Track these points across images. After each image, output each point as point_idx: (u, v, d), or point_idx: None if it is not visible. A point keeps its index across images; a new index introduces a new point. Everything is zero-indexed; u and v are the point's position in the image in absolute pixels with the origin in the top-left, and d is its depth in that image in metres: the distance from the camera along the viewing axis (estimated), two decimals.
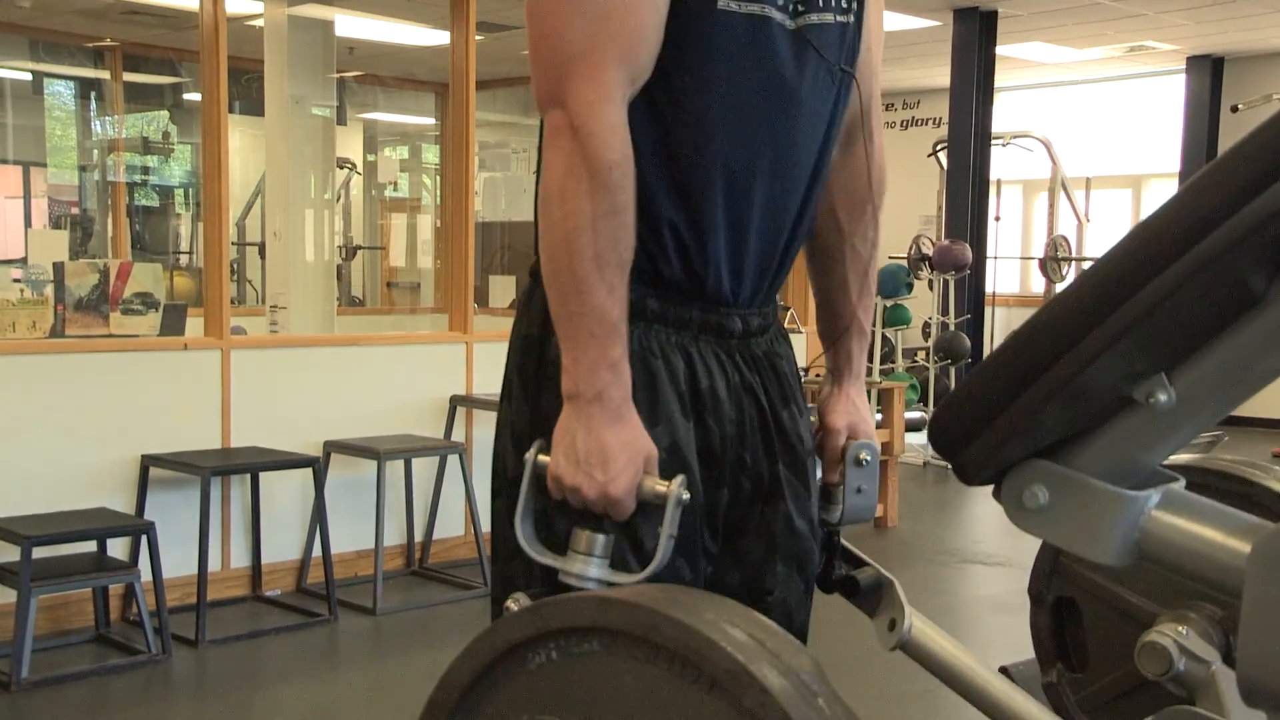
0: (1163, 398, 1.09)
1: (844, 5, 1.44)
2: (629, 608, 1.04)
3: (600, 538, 1.31)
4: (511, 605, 1.28)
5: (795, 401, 1.52)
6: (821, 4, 1.42)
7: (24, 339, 4.22)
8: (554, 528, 1.34)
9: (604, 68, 1.28)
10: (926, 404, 8.65)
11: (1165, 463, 1.25)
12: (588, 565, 1.30)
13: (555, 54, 1.30)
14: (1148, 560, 1.15)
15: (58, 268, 4.28)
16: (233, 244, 6.48)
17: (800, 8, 1.40)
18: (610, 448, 1.28)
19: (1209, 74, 10.30)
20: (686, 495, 1.29)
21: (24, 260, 5.44)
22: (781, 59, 1.38)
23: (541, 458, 1.34)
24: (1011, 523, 1.20)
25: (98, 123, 9.61)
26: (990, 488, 1.25)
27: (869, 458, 1.56)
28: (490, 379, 5.17)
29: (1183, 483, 1.19)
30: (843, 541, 1.59)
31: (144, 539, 3.97)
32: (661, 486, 1.29)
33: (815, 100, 1.44)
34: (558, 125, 1.29)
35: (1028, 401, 1.12)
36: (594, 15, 1.28)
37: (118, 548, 4.19)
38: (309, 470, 4.48)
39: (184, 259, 10.11)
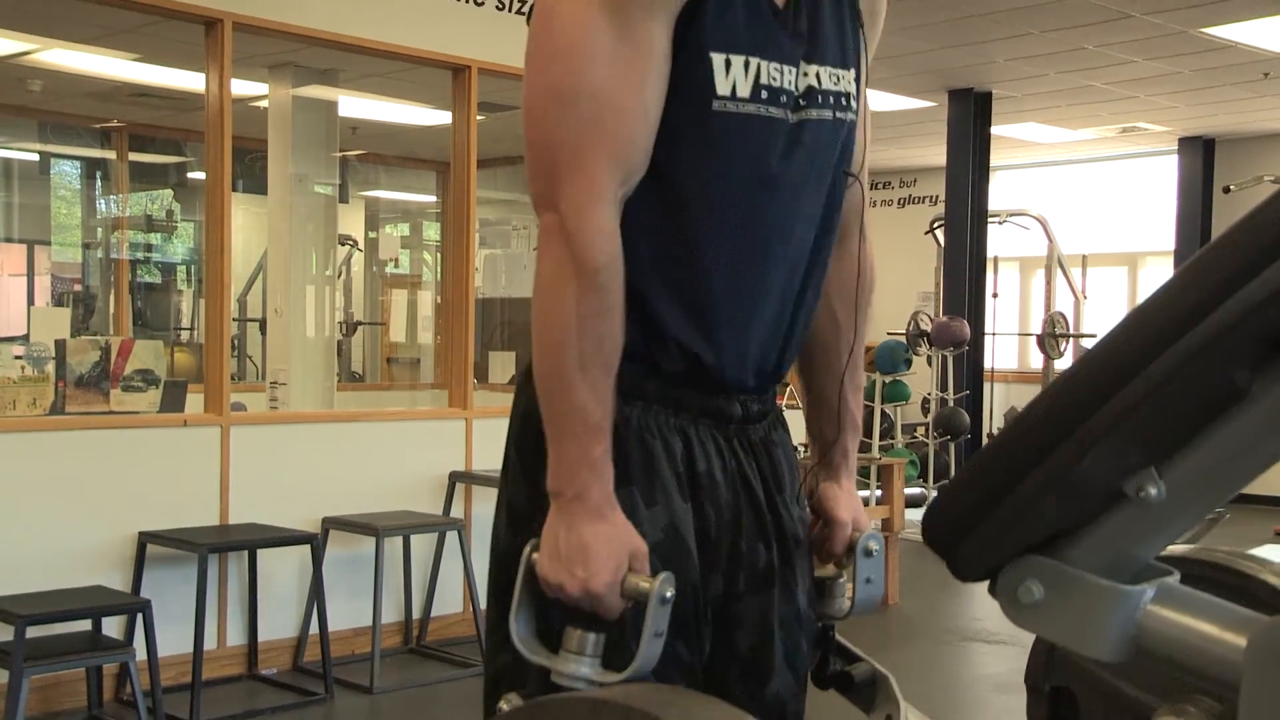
0: (1153, 492, 1.09)
1: (843, 103, 1.46)
2: (621, 711, 1.04)
3: (591, 636, 1.30)
4: (504, 706, 1.28)
5: (790, 490, 1.52)
6: (821, 100, 1.43)
7: (24, 416, 4.23)
8: (550, 624, 1.34)
9: (595, 171, 1.30)
10: (926, 480, 8.63)
11: (1160, 554, 1.25)
12: (579, 665, 1.29)
13: (548, 157, 1.32)
14: (1144, 655, 1.15)
15: (59, 345, 4.30)
16: (234, 320, 6.51)
17: (802, 102, 1.42)
18: (591, 545, 1.29)
19: (1200, 155, 10.42)
20: (671, 593, 1.29)
21: (26, 337, 5.46)
22: (778, 156, 1.40)
23: (535, 555, 1.34)
24: (1007, 618, 1.20)
25: (102, 201, 9.71)
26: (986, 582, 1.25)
27: (877, 548, 1.56)
28: (490, 455, 5.17)
29: (1177, 576, 1.19)
30: (837, 637, 1.59)
31: (139, 617, 3.95)
32: (645, 584, 1.29)
33: (812, 195, 1.45)
34: (549, 227, 1.31)
35: (1019, 497, 1.13)
36: (586, 120, 1.30)
37: (113, 626, 4.16)
38: (307, 547, 4.46)
39: (185, 334, 10.15)
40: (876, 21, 1.58)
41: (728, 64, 1.35)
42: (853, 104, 1.48)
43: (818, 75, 1.43)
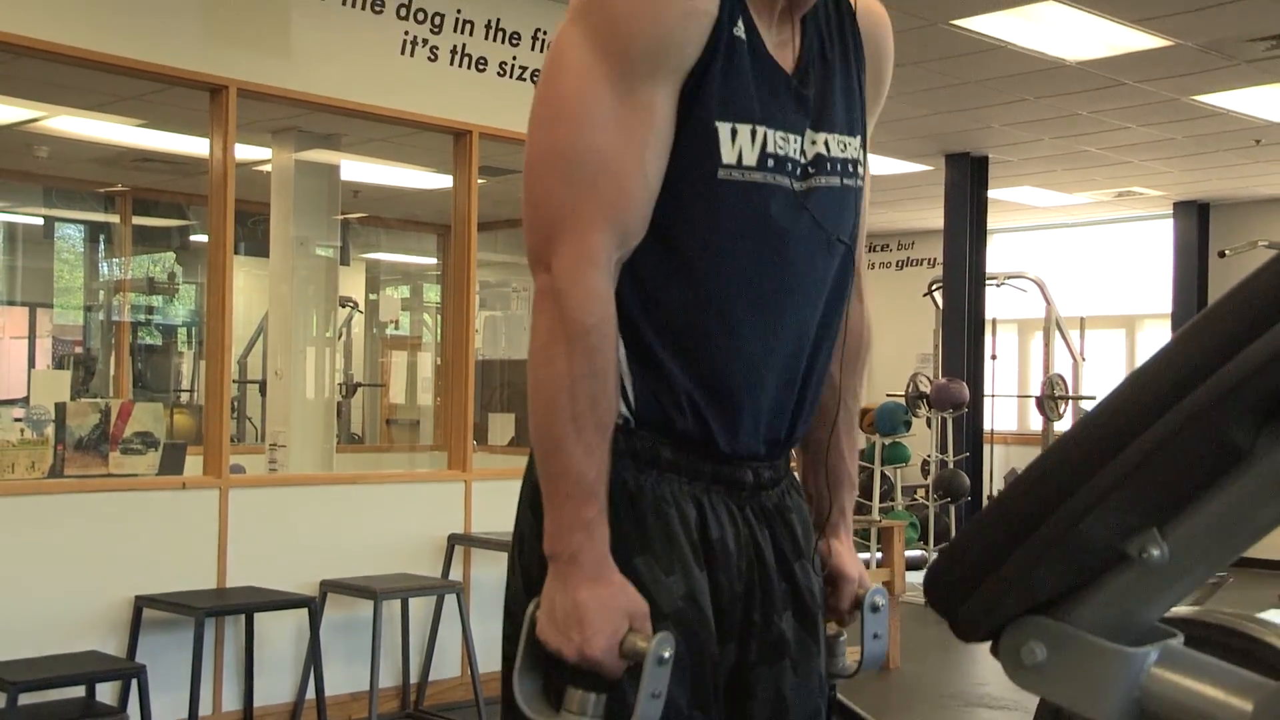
0: (1156, 553, 1.09)
1: (851, 170, 1.47)
2: None
3: (592, 697, 1.30)
4: None
5: (807, 555, 1.51)
6: (830, 167, 1.44)
7: (21, 480, 4.22)
8: (554, 685, 1.34)
9: (589, 233, 1.31)
10: (927, 542, 8.59)
11: (1165, 616, 1.24)
12: None
13: (543, 218, 1.33)
14: (1149, 718, 1.14)
15: (59, 408, 4.30)
16: (234, 382, 6.52)
17: (810, 170, 1.42)
18: (586, 608, 1.29)
19: (1195, 219, 10.51)
20: (668, 654, 1.28)
21: (26, 400, 5.46)
22: (785, 223, 1.40)
23: (537, 614, 1.34)
24: (1010, 680, 1.19)
25: (105, 264, 9.76)
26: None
27: (883, 602, 1.56)
28: (489, 517, 5.15)
29: (1181, 638, 1.18)
30: (840, 697, 1.57)
31: (134, 683, 3.91)
32: (643, 644, 1.29)
33: (821, 262, 1.45)
34: (543, 288, 1.33)
35: (1021, 558, 1.12)
36: (582, 182, 1.31)
37: (107, 692, 4.12)
38: (304, 610, 4.43)
39: (185, 396, 10.15)
40: (881, 90, 1.59)
41: (734, 132, 1.35)
42: (860, 171, 1.49)
43: (826, 143, 1.44)
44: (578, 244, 1.30)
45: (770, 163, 1.38)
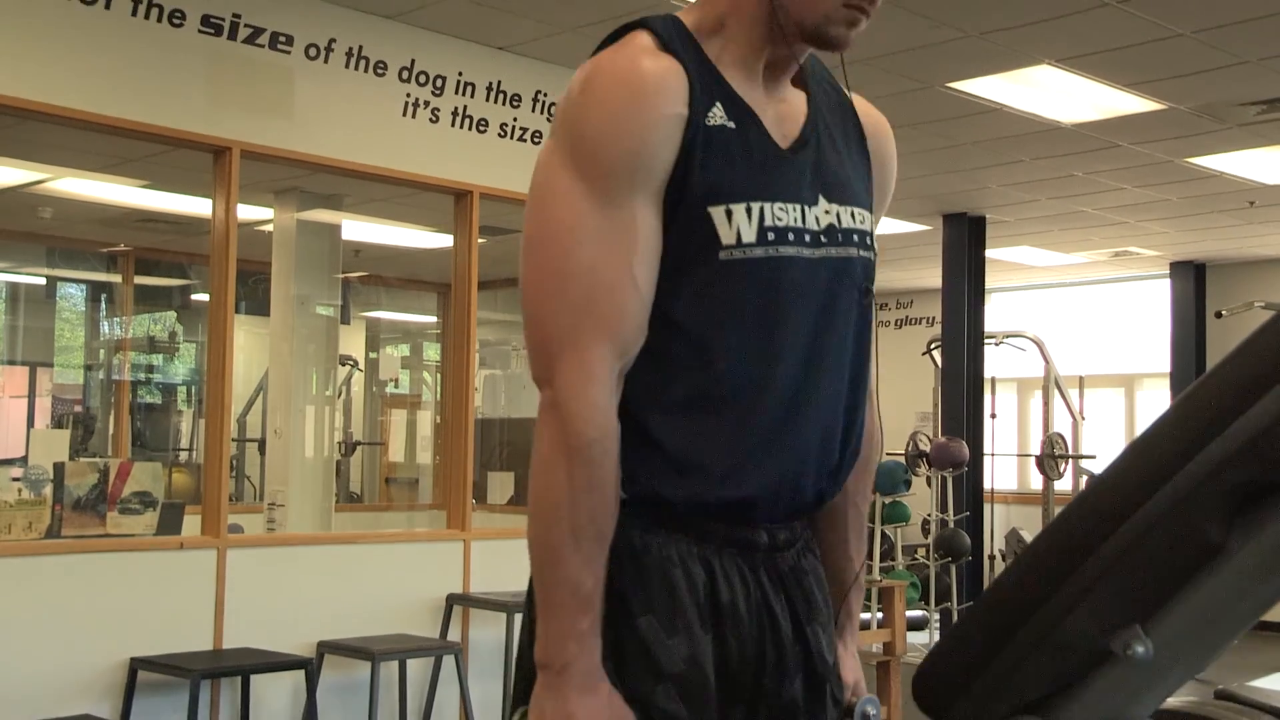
0: (1140, 649, 1.08)
1: (867, 242, 1.49)
2: None
3: None
4: None
5: (821, 619, 1.50)
6: (843, 238, 1.45)
7: (18, 540, 4.20)
8: None
9: (589, 349, 1.34)
10: (928, 602, 8.53)
11: (1158, 709, 1.23)
12: None
13: (544, 336, 1.37)
14: None
15: (58, 468, 4.30)
16: (233, 440, 6.52)
17: (823, 239, 1.43)
18: (575, 719, 1.30)
19: (1192, 279, 10.56)
20: None
21: (24, 459, 5.45)
22: (794, 295, 1.41)
23: None
24: None
25: (106, 323, 9.79)
26: None
27: (874, 713, 1.55)
28: (488, 577, 5.13)
29: None
30: None
31: None
32: None
33: (837, 333, 1.46)
34: (546, 403, 1.36)
35: (1008, 658, 1.12)
36: (578, 299, 1.34)
37: None
38: (301, 672, 4.40)
39: (184, 455, 10.13)
40: (887, 194, 1.61)
41: (729, 214, 1.38)
42: (873, 244, 1.50)
43: (839, 214, 1.46)
44: (578, 360, 1.34)
45: (771, 235, 1.39)
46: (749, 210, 1.38)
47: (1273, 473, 1.00)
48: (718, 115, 1.39)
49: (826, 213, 1.44)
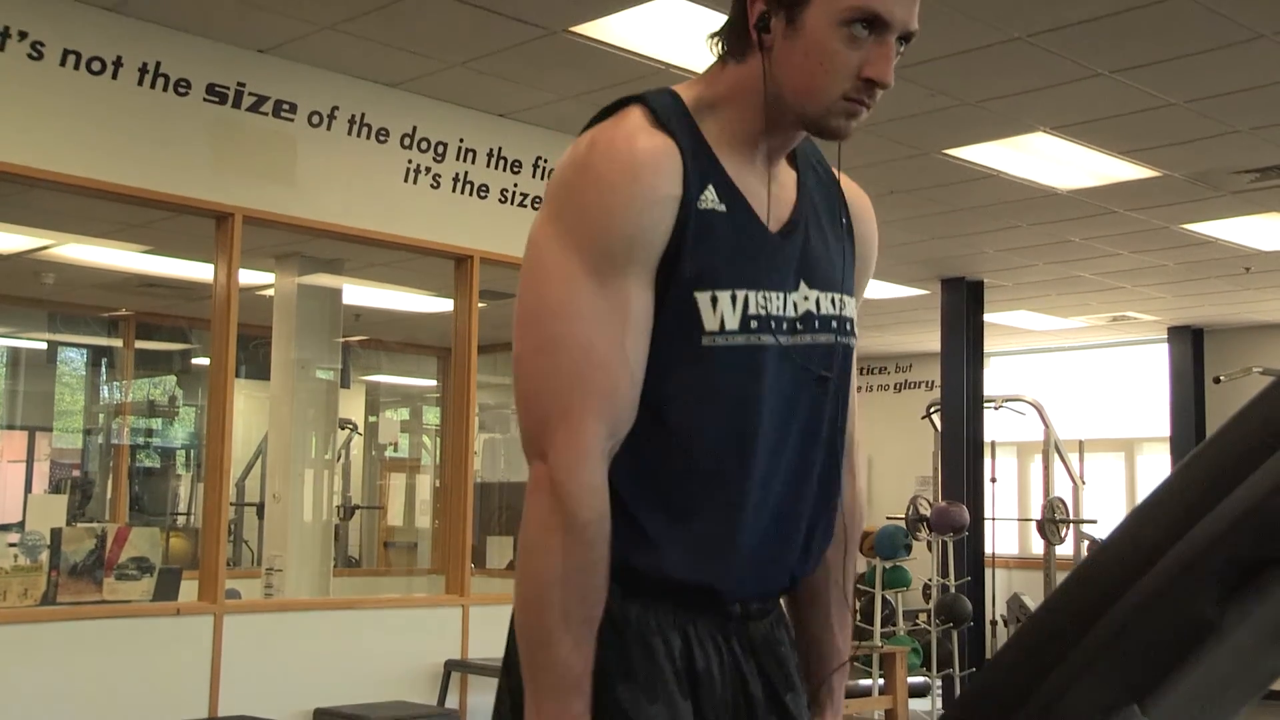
0: None
1: (846, 328, 1.50)
2: None
3: None
4: None
5: (796, 688, 1.51)
6: (819, 325, 1.47)
7: (13, 608, 4.18)
8: None
9: (582, 426, 1.34)
10: (930, 669, 8.46)
11: None
12: None
13: (537, 412, 1.37)
14: None
15: (55, 533, 4.28)
16: (231, 505, 6.50)
17: (799, 326, 1.45)
18: None
19: (1190, 344, 10.58)
20: None
21: (21, 525, 5.44)
22: (771, 382, 1.42)
23: None
24: None
25: (106, 388, 9.80)
26: None
27: None
28: (486, 643, 5.09)
29: None
30: None
31: None
32: None
33: (811, 418, 1.47)
34: (539, 479, 1.35)
35: None
36: (571, 376, 1.35)
37: None
38: None
39: (182, 519, 10.10)
40: (868, 273, 1.62)
41: (714, 300, 1.39)
42: (853, 329, 1.51)
43: (817, 301, 1.47)
44: (572, 436, 1.33)
45: (754, 324, 1.41)
46: (734, 298, 1.40)
47: (1267, 547, 0.99)
48: (709, 198, 1.40)
49: (805, 299, 1.46)
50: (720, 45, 1.47)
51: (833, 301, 1.48)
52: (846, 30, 1.37)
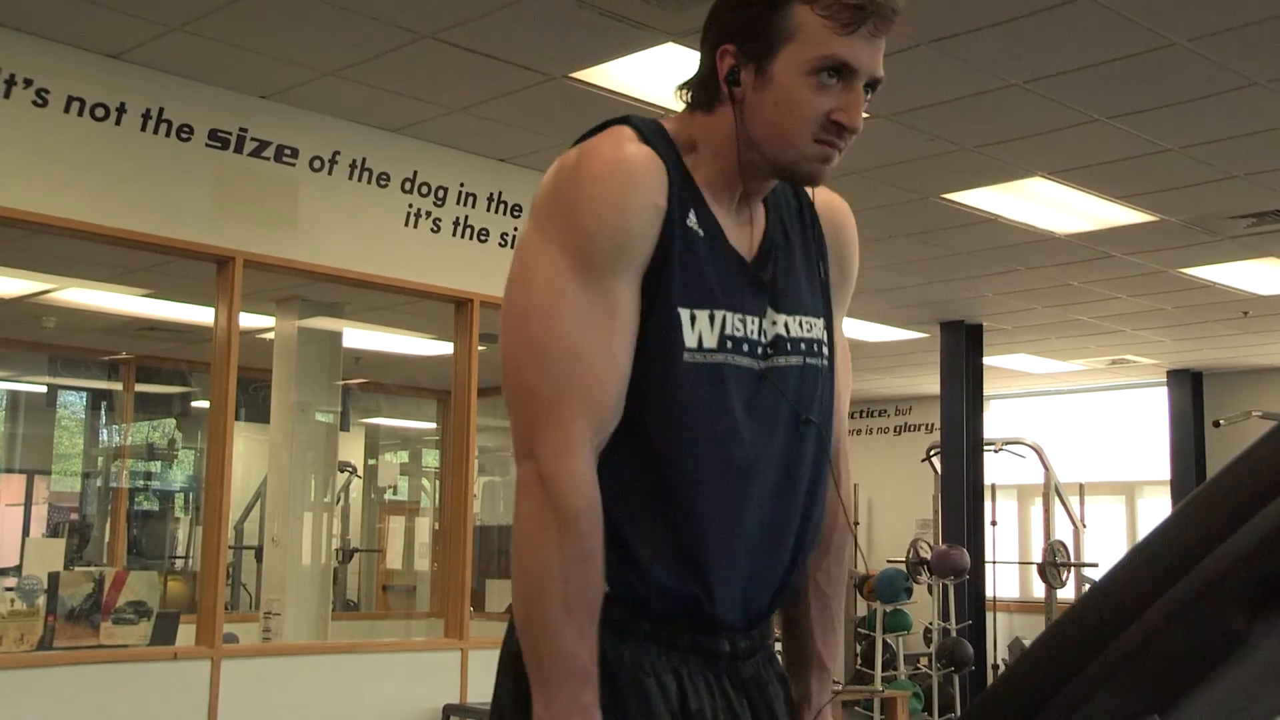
0: None
1: (815, 349, 1.51)
2: None
3: None
4: None
5: None
6: (790, 347, 1.49)
7: (9, 652, 4.16)
8: None
9: (570, 422, 1.35)
10: (931, 713, 8.40)
11: None
12: None
13: (526, 410, 1.38)
14: None
15: (52, 578, 4.27)
16: (229, 548, 6.48)
17: (770, 350, 1.47)
18: None
19: (1189, 387, 10.59)
20: None
21: (19, 569, 5.42)
22: (746, 401, 1.44)
23: None
24: None
25: (105, 431, 9.80)
26: None
27: None
28: (486, 687, 5.06)
29: None
30: None
31: None
32: None
33: (788, 440, 1.48)
34: (528, 476, 1.36)
35: None
36: (558, 373, 1.36)
37: None
38: None
39: (180, 563, 10.06)
40: (848, 276, 1.63)
41: (693, 318, 1.41)
42: (824, 350, 1.53)
43: (786, 324, 1.49)
44: (561, 432, 1.35)
45: (729, 344, 1.43)
46: (712, 317, 1.42)
47: None
48: (691, 220, 1.43)
49: (774, 323, 1.48)
50: (688, 95, 1.49)
51: (800, 324, 1.50)
52: (815, 79, 1.40)
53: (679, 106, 1.52)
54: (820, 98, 1.40)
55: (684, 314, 1.41)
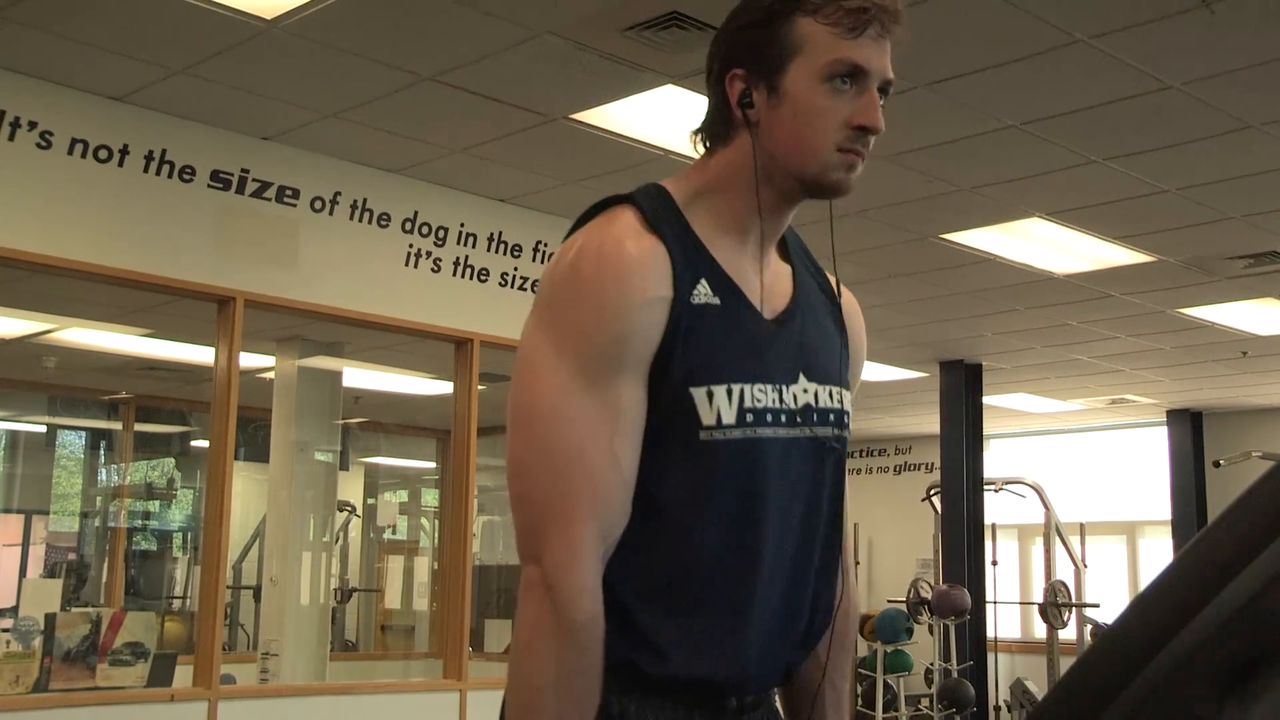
0: None
1: (843, 421, 1.50)
2: None
3: None
4: None
5: None
6: (819, 418, 1.46)
7: (4, 695, 4.13)
8: None
9: (576, 528, 1.33)
10: None
11: None
12: None
13: (531, 513, 1.36)
14: None
15: (49, 619, 4.25)
16: (227, 588, 6.46)
17: (799, 420, 1.44)
18: None
19: (1189, 427, 10.59)
20: None
21: (15, 610, 5.39)
22: (771, 477, 1.42)
23: None
24: None
25: (104, 470, 9.79)
26: None
27: None
28: None
29: None
30: None
31: None
32: None
33: (810, 514, 1.47)
34: (532, 580, 1.34)
35: None
36: (564, 477, 1.34)
37: None
38: None
39: (178, 603, 10.02)
40: (859, 359, 1.62)
41: (710, 395, 1.38)
42: (848, 423, 1.51)
43: (816, 394, 1.46)
44: (566, 538, 1.32)
45: (749, 417, 1.40)
46: (729, 392, 1.39)
47: (1262, 645, 0.98)
48: (702, 293, 1.40)
49: (805, 390, 1.45)
50: (704, 138, 1.48)
51: (831, 395, 1.48)
52: (828, 85, 1.39)
53: (692, 152, 1.50)
54: (837, 104, 1.39)
55: (698, 393, 1.38)
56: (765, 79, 1.40)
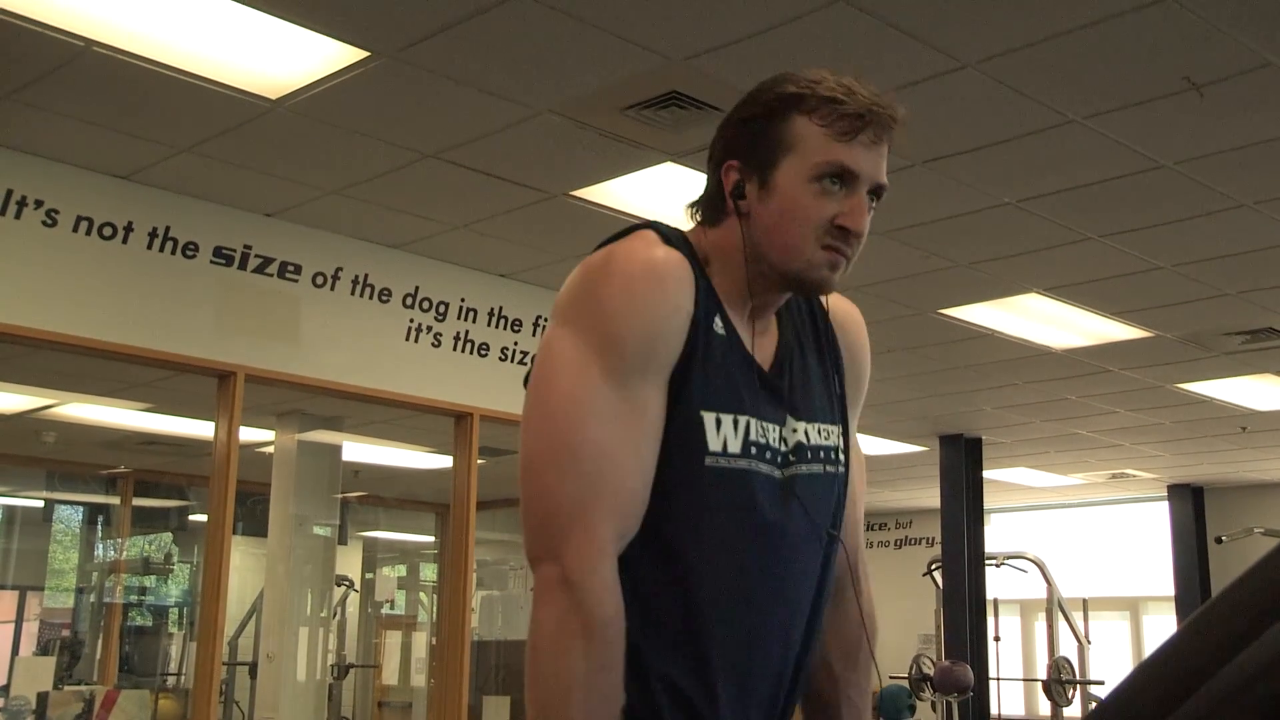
0: None
1: (833, 457, 1.52)
2: None
3: None
4: None
5: None
6: (810, 455, 1.49)
7: None
8: None
9: (597, 526, 1.33)
10: None
11: None
12: None
13: (549, 511, 1.35)
14: None
15: (41, 698, 4.21)
16: (223, 664, 6.39)
17: (791, 458, 1.47)
18: None
19: (1190, 502, 10.55)
20: None
21: (6, 689, 5.34)
22: (771, 510, 1.43)
23: None
24: None
25: (101, 545, 9.73)
26: None
27: None
28: None
29: None
30: None
31: None
32: None
33: (805, 547, 1.48)
34: (551, 580, 1.32)
35: None
36: (587, 475, 1.34)
37: None
38: None
39: (173, 680, 9.91)
40: (861, 385, 1.64)
41: (718, 422, 1.40)
42: (841, 458, 1.53)
43: (805, 431, 1.49)
44: (588, 537, 1.32)
45: (753, 450, 1.43)
46: (736, 422, 1.42)
47: None
48: (718, 323, 1.44)
49: (794, 431, 1.48)
50: (697, 213, 1.51)
51: (819, 431, 1.50)
52: (818, 185, 1.41)
53: (688, 223, 1.53)
54: (824, 203, 1.41)
55: (708, 417, 1.40)
56: (758, 172, 1.44)
